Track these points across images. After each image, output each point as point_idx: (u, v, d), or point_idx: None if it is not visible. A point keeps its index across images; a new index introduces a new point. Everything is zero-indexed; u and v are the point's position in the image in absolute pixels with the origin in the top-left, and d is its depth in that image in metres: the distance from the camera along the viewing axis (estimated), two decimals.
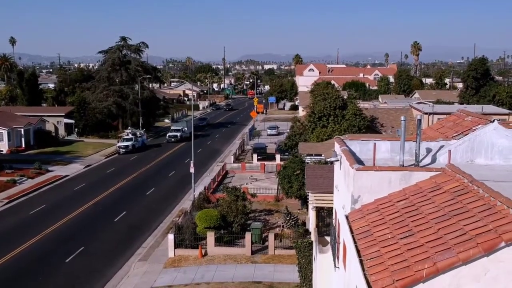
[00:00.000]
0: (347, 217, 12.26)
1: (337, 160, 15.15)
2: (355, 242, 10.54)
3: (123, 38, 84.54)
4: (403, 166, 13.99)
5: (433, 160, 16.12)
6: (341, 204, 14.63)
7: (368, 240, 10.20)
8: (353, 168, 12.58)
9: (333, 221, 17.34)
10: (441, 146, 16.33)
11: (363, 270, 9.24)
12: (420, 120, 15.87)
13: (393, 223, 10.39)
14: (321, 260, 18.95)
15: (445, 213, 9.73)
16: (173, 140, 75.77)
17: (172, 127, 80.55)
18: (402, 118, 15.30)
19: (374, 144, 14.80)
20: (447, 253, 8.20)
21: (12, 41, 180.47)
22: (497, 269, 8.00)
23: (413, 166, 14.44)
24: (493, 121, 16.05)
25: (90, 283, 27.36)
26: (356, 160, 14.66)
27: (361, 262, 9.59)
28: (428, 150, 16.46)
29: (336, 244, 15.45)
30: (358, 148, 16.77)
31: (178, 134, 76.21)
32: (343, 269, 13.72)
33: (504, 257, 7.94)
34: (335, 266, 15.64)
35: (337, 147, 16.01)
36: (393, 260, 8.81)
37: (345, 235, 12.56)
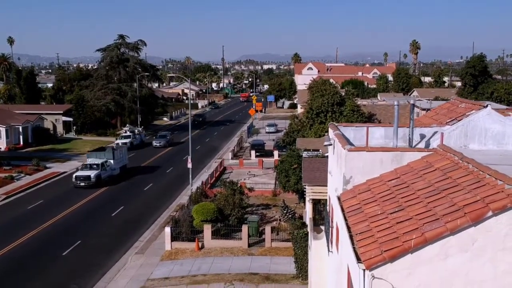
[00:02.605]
0: (339, 198, 12.28)
1: (330, 144, 15.17)
2: (345, 220, 10.56)
3: (121, 36, 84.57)
4: None
5: (427, 145, 16.15)
6: (334, 187, 14.65)
7: (358, 217, 10.23)
8: (345, 149, 12.60)
9: (327, 207, 17.36)
10: (435, 132, 16.38)
11: (353, 244, 9.26)
12: (413, 105, 15.92)
13: (384, 200, 10.42)
14: (316, 247, 18.98)
15: (435, 188, 9.75)
16: (82, 184, 45.02)
17: (88, 160, 48.72)
18: (395, 103, 15.34)
19: (367, 128, 14.83)
20: (435, 223, 8.22)
21: (10, 41, 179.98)
22: (485, 239, 8.02)
23: None
24: (486, 106, 16.09)
25: (87, 276, 27.33)
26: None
27: (350, 237, 9.61)
28: (422, 136, 16.51)
29: (330, 228, 15.47)
30: (352, 134, 16.82)
31: (93, 174, 45.46)
32: (336, 252, 13.75)
33: (491, 227, 7.96)
34: (328, 251, 15.66)
35: (330, 133, 16.04)
36: (382, 233, 8.83)
37: (337, 216, 12.59)
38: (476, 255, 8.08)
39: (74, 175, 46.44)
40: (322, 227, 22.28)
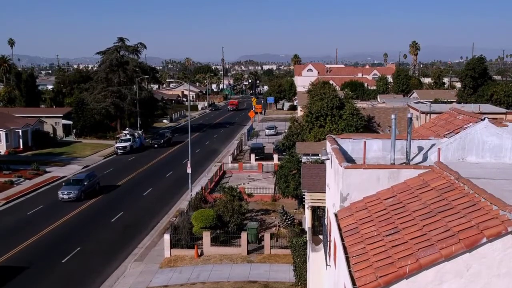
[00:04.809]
0: (336, 215, 12.30)
1: (328, 159, 15.18)
2: (342, 240, 10.59)
3: (121, 39, 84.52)
4: (393, 164, 14.04)
5: (424, 158, 16.16)
6: (331, 202, 14.68)
7: (355, 237, 10.25)
8: (342, 166, 12.62)
9: (325, 220, 17.39)
10: (433, 145, 16.38)
11: (349, 267, 9.29)
12: (410, 119, 15.91)
13: (380, 220, 10.44)
14: (314, 259, 18.99)
15: (430, 210, 9.77)
16: None
17: None
18: (393, 116, 15.33)
19: (364, 142, 14.84)
20: (430, 250, 8.24)
21: (11, 42, 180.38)
22: (479, 265, 8.04)
23: (404, 164, 14.48)
24: (484, 119, 16.10)
25: (86, 283, 27.40)
26: (348, 159, 14.69)
27: (347, 259, 9.64)
28: (420, 149, 16.50)
29: (328, 242, 15.49)
30: (350, 147, 16.79)
31: None
32: (334, 267, 13.77)
33: (486, 253, 7.98)
34: (326, 264, 15.68)
35: (328, 146, 16.05)
36: (378, 257, 8.85)
37: (334, 233, 12.61)
38: (471, 281, 8.11)
39: None
40: (321, 236, 22.31)
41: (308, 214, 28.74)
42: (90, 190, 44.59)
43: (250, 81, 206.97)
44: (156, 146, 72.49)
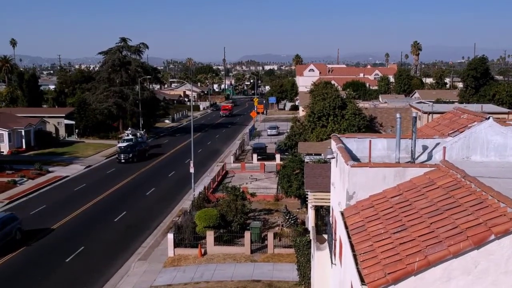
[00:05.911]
0: (342, 214, 12.37)
1: (333, 158, 15.25)
2: (349, 238, 10.65)
3: (123, 39, 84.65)
4: (399, 163, 14.10)
5: (429, 157, 16.22)
6: (337, 201, 14.74)
7: (362, 235, 10.31)
8: (348, 164, 12.68)
9: (330, 218, 17.45)
10: (437, 144, 16.43)
11: (356, 264, 9.35)
12: (415, 118, 15.96)
13: (387, 218, 10.50)
14: (319, 257, 19.05)
15: (437, 207, 9.83)
16: None
17: None
18: (398, 115, 15.38)
19: (370, 141, 14.90)
20: (438, 246, 8.30)
21: (13, 43, 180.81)
22: (487, 262, 8.10)
23: (409, 163, 14.54)
24: (488, 118, 16.14)
25: (90, 283, 27.45)
26: (353, 158, 14.76)
27: (354, 256, 9.70)
28: (424, 148, 16.56)
29: (333, 241, 15.55)
30: (355, 146, 16.86)
31: None
32: (340, 266, 13.83)
33: (494, 250, 8.04)
34: (332, 262, 15.74)
35: (333, 145, 16.11)
36: (386, 254, 8.91)
37: (340, 231, 12.67)
38: (478, 278, 8.16)
39: None
40: (325, 236, 22.36)
41: (311, 213, 28.81)
42: (5, 242, 31.54)
43: (251, 81, 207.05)
44: (123, 161, 59.12)
